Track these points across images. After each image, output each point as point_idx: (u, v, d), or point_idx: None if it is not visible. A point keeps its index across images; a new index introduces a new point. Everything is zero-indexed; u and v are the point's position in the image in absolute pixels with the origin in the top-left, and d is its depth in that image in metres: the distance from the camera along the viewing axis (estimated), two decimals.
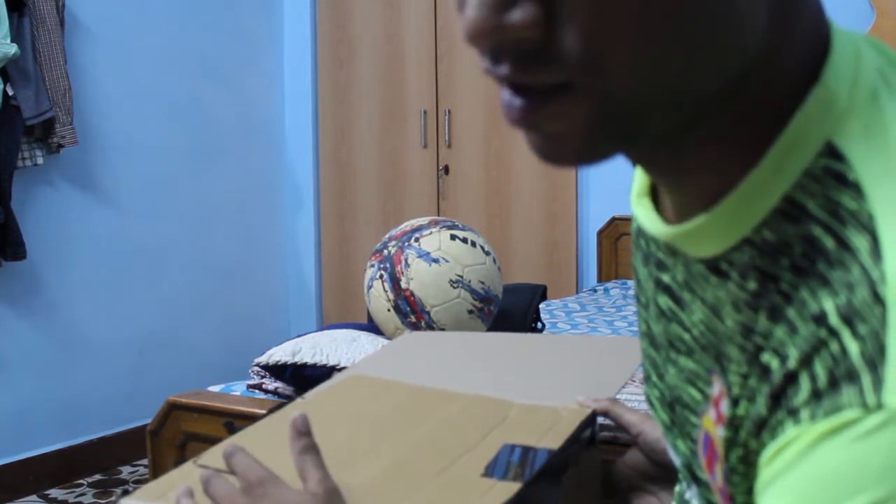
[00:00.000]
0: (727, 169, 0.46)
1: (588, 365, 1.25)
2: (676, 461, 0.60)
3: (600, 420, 1.07)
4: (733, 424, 0.47)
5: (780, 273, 0.44)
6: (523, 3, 0.40)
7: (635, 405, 1.30)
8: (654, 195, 0.55)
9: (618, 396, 1.15)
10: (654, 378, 0.60)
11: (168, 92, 3.59)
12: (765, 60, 0.44)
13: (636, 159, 0.49)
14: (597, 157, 0.45)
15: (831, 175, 0.43)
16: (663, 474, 0.98)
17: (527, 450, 0.90)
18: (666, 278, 0.55)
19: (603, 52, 0.40)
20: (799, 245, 0.44)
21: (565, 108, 0.42)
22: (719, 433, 0.49)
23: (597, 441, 1.06)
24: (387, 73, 3.91)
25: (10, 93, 2.89)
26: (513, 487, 0.82)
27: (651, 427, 0.98)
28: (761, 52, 0.44)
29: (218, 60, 3.82)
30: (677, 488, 0.67)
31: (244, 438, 0.91)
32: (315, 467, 0.75)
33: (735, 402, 0.47)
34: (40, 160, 3.07)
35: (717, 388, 0.49)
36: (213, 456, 0.85)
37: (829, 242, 0.42)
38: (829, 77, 0.45)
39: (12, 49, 2.80)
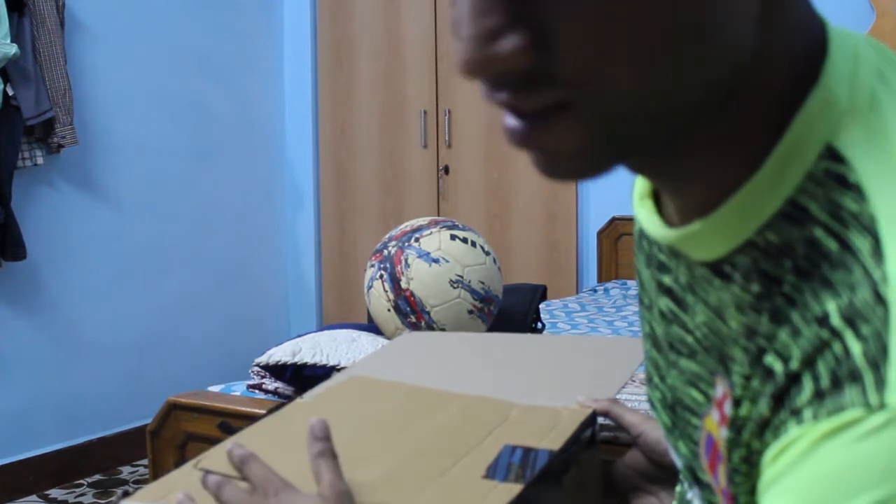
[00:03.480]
0: (728, 172, 0.46)
1: (588, 365, 1.24)
2: (678, 463, 0.60)
3: (601, 420, 1.07)
4: (736, 425, 0.47)
5: (782, 275, 0.44)
6: (510, 34, 0.41)
7: (635, 405, 1.30)
8: (657, 197, 0.55)
9: (618, 396, 1.15)
10: (656, 380, 0.60)
11: (168, 92, 3.59)
12: (756, 63, 0.44)
13: (634, 168, 0.50)
14: (597, 170, 0.46)
15: (832, 177, 0.43)
16: (663, 475, 0.98)
17: (528, 450, 0.90)
18: (667, 280, 0.55)
19: (594, 71, 0.41)
20: (801, 247, 0.44)
21: (563, 126, 0.43)
22: (722, 434, 0.49)
23: (597, 441, 1.05)
24: (387, 73, 3.91)
25: (10, 93, 2.89)
26: (514, 489, 0.82)
27: (652, 427, 0.98)
28: (753, 55, 0.44)
29: (218, 60, 3.82)
30: (678, 488, 0.67)
31: (244, 439, 0.91)
32: (328, 471, 0.75)
33: (737, 403, 0.47)
34: (40, 160, 3.07)
35: (720, 389, 0.49)
36: (214, 458, 0.84)
37: (832, 244, 0.42)
38: (828, 78, 0.45)
39: (12, 49, 2.80)
